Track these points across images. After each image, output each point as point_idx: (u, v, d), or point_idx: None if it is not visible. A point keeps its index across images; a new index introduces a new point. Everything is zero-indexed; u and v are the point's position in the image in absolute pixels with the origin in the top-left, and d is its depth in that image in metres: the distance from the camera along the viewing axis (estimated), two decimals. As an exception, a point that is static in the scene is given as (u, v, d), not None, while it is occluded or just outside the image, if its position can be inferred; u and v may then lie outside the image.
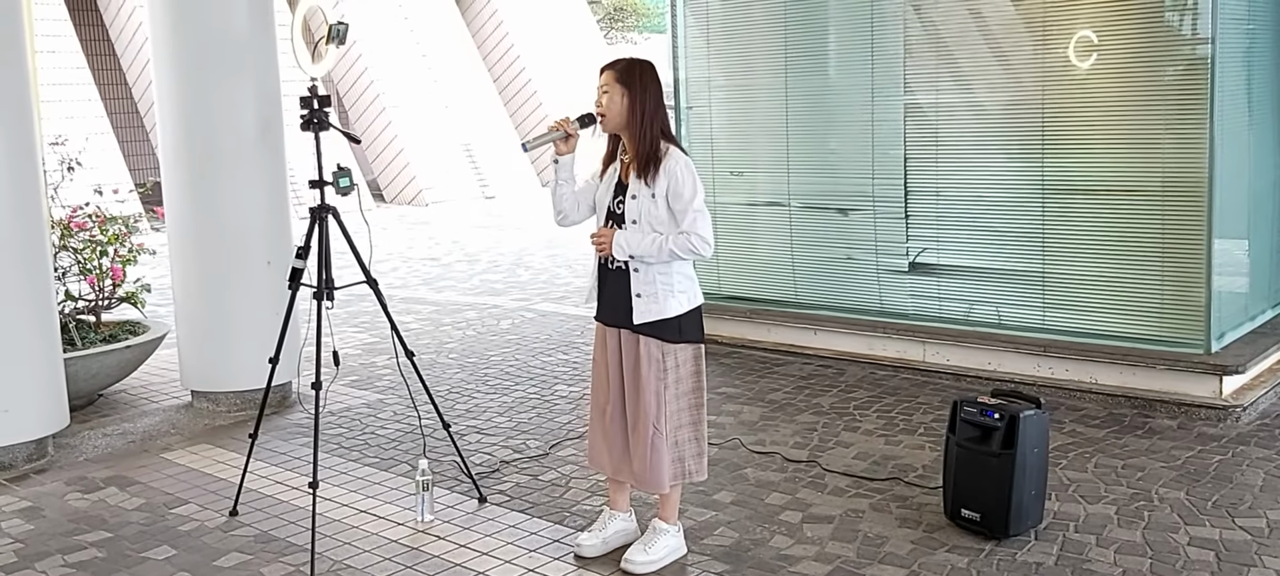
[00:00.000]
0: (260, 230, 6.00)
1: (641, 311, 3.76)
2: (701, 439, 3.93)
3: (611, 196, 3.83)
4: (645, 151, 3.72)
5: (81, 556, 4.20)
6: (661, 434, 3.82)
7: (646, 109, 3.73)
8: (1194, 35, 5.61)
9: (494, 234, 14.45)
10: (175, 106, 5.92)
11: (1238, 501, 4.38)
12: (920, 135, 6.49)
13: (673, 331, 3.80)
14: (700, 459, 3.93)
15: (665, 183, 3.71)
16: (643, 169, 3.72)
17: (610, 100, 3.75)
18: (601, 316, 3.94)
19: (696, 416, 3.90)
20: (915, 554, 4.01)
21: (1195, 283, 5.64)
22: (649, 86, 3.75)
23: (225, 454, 5.39)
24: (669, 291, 3.78)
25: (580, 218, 3.96)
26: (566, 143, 3.83)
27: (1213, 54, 5.45)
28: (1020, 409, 4.07)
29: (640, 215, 3.73)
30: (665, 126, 3.80)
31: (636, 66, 3.78)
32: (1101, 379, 5.78)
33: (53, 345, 5.39)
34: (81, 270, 6.41)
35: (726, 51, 7.34)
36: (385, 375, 6.83)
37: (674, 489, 3.96)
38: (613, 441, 3.97)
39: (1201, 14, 5.52)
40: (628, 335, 3.84)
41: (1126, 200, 5.83)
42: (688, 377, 3.86)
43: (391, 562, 4.07)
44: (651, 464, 3.84)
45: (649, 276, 3.76)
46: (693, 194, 3.71)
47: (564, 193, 3.91)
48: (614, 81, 3.75)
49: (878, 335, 6.61)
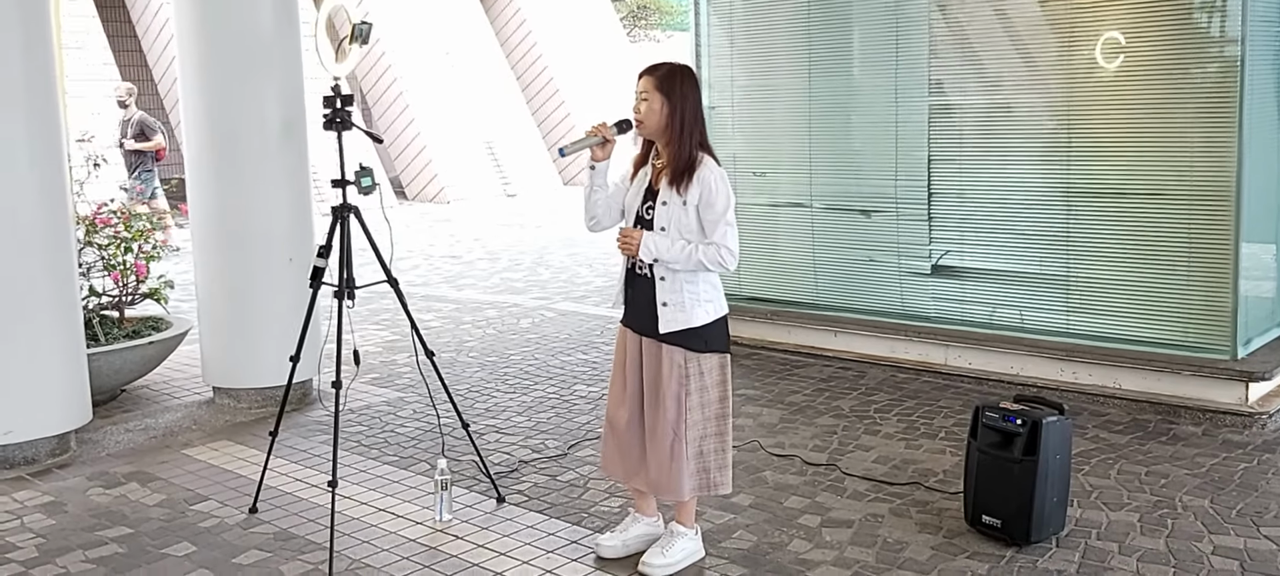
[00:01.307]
0: (283, 228, 6.02)
1: (668, 321, 3.73)
2: (726, 450, 3.88)
3: (640, 201, 3.78)
4: (682, 161, 3.66)
5: (102, 552, 4.23)
6: (682, 441, 3.78)
7: (686, 118, 3.67)
8: (1223, 37, 5.55)
9: (515, 232, 14.48)
10: (200, 104, 5.95)
11: (1263, 510, 4.32)
12: (945, 137, 6.45)
13: (699, 341, 3.76)
14: (724, 471, 3.88)
15: (698, 192, 3.66)
16: (676, 177, 3.67)
17: (649, 107, 3.68)
18: (627, 320, 3.91)
19: (722, 427, 3.86)
20: (935, 560, 3.98)
21: (1222, 287, 5.58)
22: (689, 94, 3.69)
23: (246, 450, 5.41)
24: (696, 300, 3.74)
25: (611, 223, 3.90)
26: (603, 148, 3.77)
27: (1243, 55, 5.38)
28: (1043, 414, 4.03)
29: (670, 223, 3.68)
30: (703, 136, 3.74)
31: (678, 73, 3.71)
32: (1126, 384, 5.73)
33: (77, 341, 5.42)
34: (106, 266, 6.45)
35: (749, 51, 7.32)
36: (405, 373, 6.84)
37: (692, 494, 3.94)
38: (628, 448, 3.94)
39: (1230, 15, 5.46)
40: (650, 342, 3.80)
41: (1153, 204, 5.77)
42: (714, 387, 3.81)
43: (409, 562, 4.08)
44: (671, 471, 3.80)
45: (675, 285, 3.72)
46: (726, 206, 3.67)
47: (598, 199, 3.83)
48: (654, 88, 3.67)
49: (899, 338, 6.57)
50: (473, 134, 19.69)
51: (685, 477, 3.80)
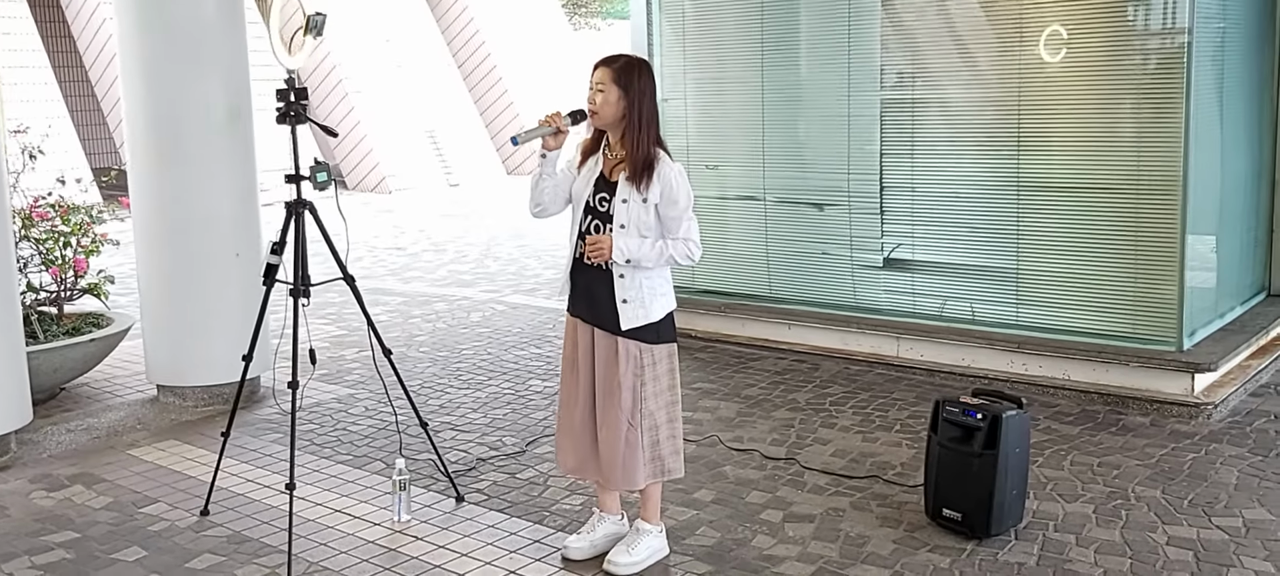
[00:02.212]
0: (229, 221, 5.88)
1: (629, 317, 3.72)
2: (678, 437, 3.91)
3: (592, 191, 3.76)
4: (640, 158, 3.65)
5: (49, 558, 4.10)
6: (637, 430, 3.78)
7: (644, 114, 3.65)
8: (1170, 29, 5.64)
9: (460, 223, 14.34)
10: (141, 93, 5.78)
11: (1213, 500, 4.41)
12: (896, 131, 6.49)
13: (653, 334, 3.77)
14: (677, 456, 3.91)
15: (659, 189, 3.66)
16: (636, 175, 3.66)
17: (605, 99, 3.65)
18: (577, 311, 3.88)
19: (673, 414, 3.87)
20: (897, 554, 4.01)
21: (1168, 280, 5.69)
22: (646, 89, 3.67)
23: (194, 450, 5.29)
24: (654, 295, 3.75)
25: (557, 210, 3.88)
26: (556, 138, 3.74)
27: (1188, 48, 5.47)
28: (1003, 409, 4.07)
29: (629, 221, 3.67)
30: (658, 131, 3.73)
31: (635, 67, 3.68)
32: (1074, 375, 5.82)
33: (16, 338, 5.25)
34: (44, 261, 6.26)
35: (701, 44, 7.30)
36: (355, 369, 6.74)
37: (654, 488, 3.93)
38: (579, 439, 3.92)
39: (1178, 10, 5.55)
40: (602, 333, 3.79)
41: (1101, 197, 5.86)
42: (664, 376, 3.83)
43: (370, 564, 4.01)
44: (625, 460, 3.79)
45: (634, 282, 3.71)
46: (688, 202, 3.70)
47: (546, 186, 3.81)
48: (610, 80, 3.64)
49: (852, 330, 6.61)
50: (414, 122, 19.47)
51: (639, 466, 3.80)
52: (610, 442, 3.80)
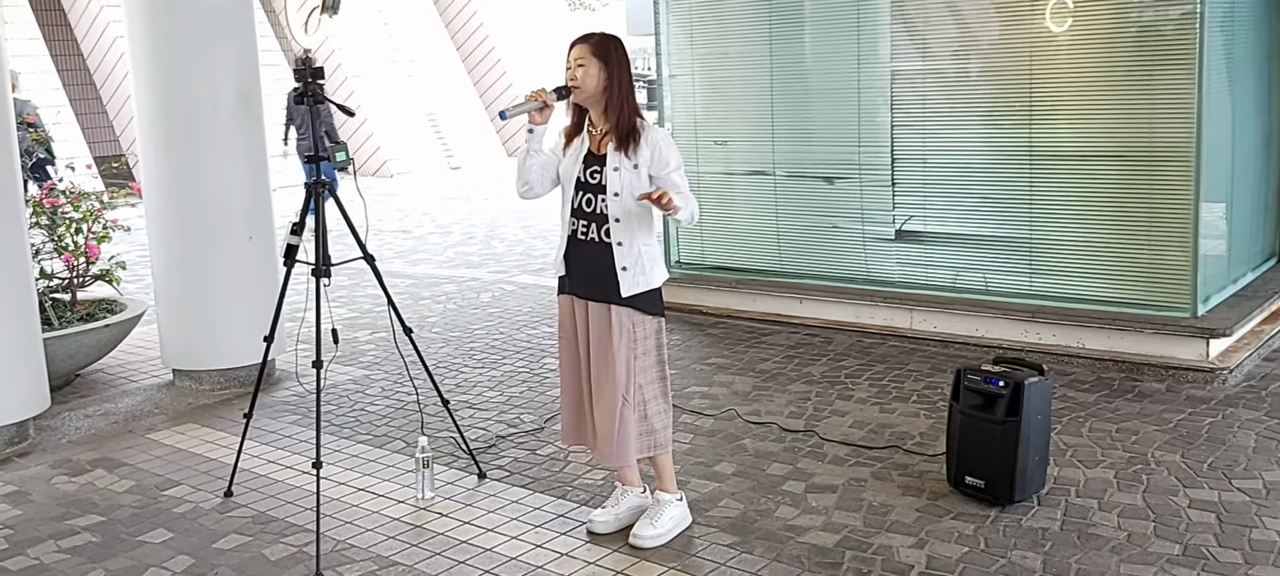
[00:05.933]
0: (241, 204, 5.88)
1: (630, 283, 3.79)
2: (669, 410, 3.97)
3: (582, 167, 3.83)
4: (625, 125, 3.77)
5: (76, 541, 4.11)
6: (631, 405, 3.84)
7: (623, 83, 3.78)
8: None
9: (464, 205, 14.32)
10: (151, 77, 5.77)
11: (1233, 463, 4.43)
12: (907, 102, 6.48)
13: (648, 303, 3.84)
14: (668, 429, 3.97)
15: (649, 153, 3.76)
16: (623, 142, 3.76)
17: (586, 73, 3.75)
18: (573, 289, 3.93)
19: (663, 387, 3.94)
20: (922, 521, 4.02)
21: (1181, 247, 5.69)
22: (623, 60, 3.80)
23: (213, 433, 5.30)
24: (652, 262, 3.85)
25: (544, 190, 3.96)
26: (542, 113, 3.80)
27: (1200, 16, 5.46)
28: (1025, 376, 4.08)
29: (623, 187, 3.75)
30: (636, 101, 3.87)
31: (610, 41, 3.81)
32: (1089, 343, 5.83)
33: (32, 325, 5.26)
34: (57, 248, 6.26)
35: (708, 18, 7.28)
36: (369, 350, 6.74)
37: (662, 458, 3.97)
38: (585, 414, 3.99)
39: (1188, -21, 5.55)
40: (595, 307, 3.85)
41: (1114, 165, 5.86)
42: (653, 349, 3.90)
43: (396, 541, 4.03)
44: (619, 434, 3.85)
45: (634, 249, 3.79)
46: (679, 161, 3.83)
47: (533, 164, 3.89)
48: (589, 54, 3.75)
49: (865, 303, 6.62)
50: (414, 106, 19.42)
51: (631, 440, 3.86)
52: (604, 418, 3.86)
